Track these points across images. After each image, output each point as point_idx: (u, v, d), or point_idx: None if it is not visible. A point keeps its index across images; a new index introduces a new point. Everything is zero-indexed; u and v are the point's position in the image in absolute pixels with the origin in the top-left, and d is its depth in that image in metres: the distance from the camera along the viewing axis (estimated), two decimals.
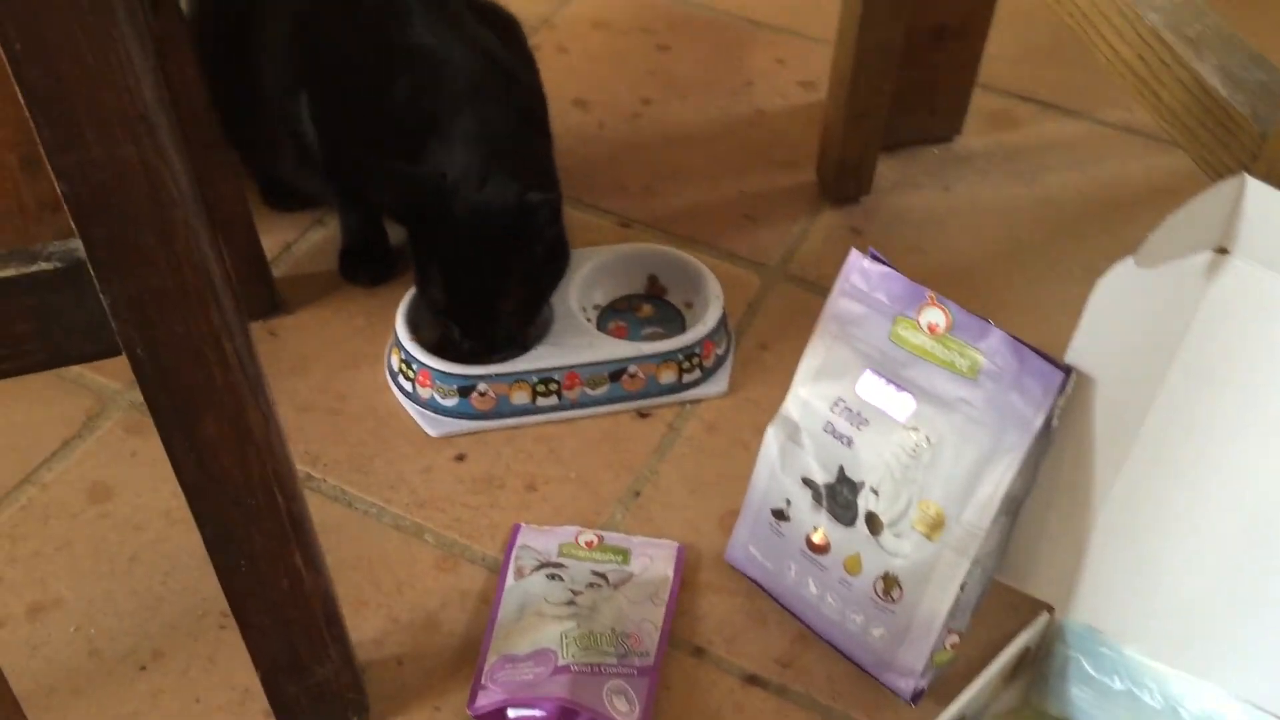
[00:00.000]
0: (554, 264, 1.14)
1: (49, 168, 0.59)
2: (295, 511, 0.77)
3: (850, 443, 0.92)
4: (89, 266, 0.63)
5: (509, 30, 1.28)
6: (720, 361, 1.21)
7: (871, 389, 0.91)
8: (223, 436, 0.71)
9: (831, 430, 0.93)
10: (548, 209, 1.06)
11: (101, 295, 0.64)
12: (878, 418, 0.91)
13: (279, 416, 0.76)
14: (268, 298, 1.23)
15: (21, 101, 0.57)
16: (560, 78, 1.59)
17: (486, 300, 1.09)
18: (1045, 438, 0.85)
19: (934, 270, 1.33)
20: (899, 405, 0.90)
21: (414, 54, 1.13)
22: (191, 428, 0.70)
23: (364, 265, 1.28)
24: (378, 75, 1.13)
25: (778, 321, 1.27)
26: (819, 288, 1.31)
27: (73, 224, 0.61)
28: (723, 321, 1.20)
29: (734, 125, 1.53)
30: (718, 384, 1.20)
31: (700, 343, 1.17)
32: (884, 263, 0.91)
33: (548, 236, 1.09)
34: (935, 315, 0.88)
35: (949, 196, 1.43)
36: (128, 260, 0.63)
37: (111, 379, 1.19)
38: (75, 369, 1.20)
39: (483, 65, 1.13)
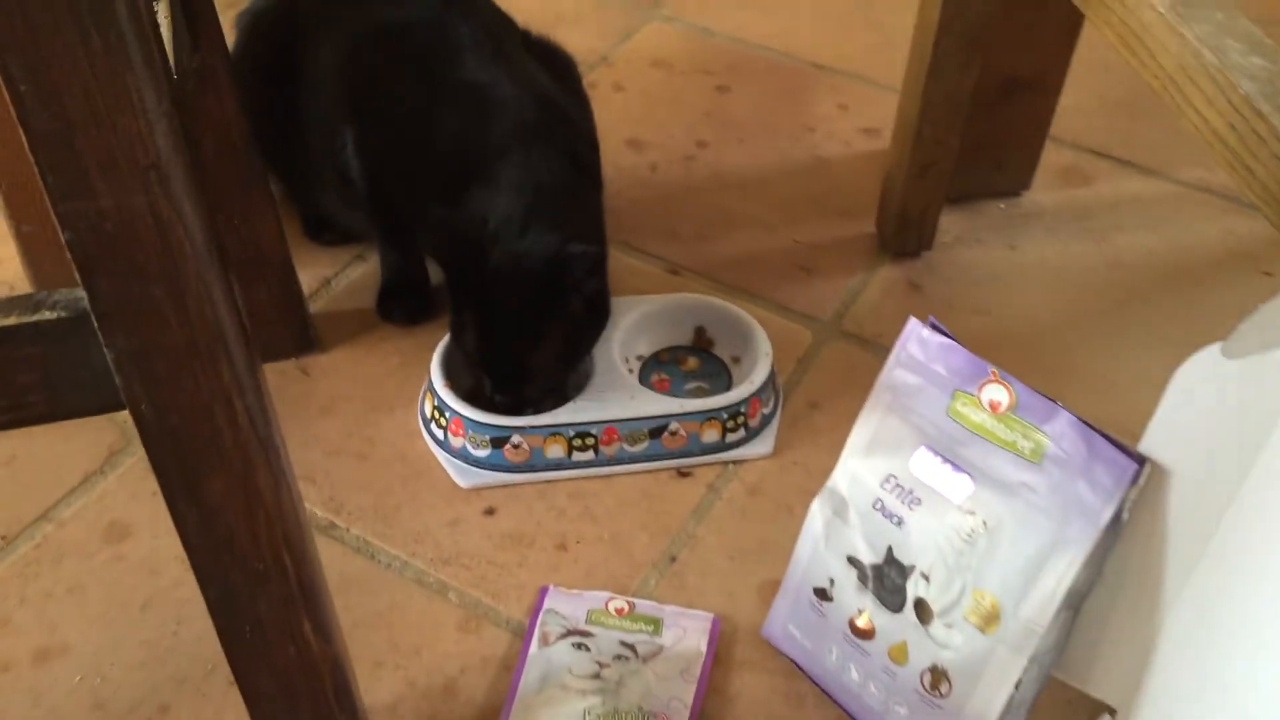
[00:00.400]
0: (593, 319, 1.10)
1: (53, 215, 0.56)
2: (306, 576, 0.73)
3: (901, 523, 0.86)
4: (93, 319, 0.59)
5: (564, 70, 1.24)
6: (767, 421, 1.16)
7: (926, 467, 0.86)
8: (230, 498, 0.68)
9: (881, 508, 0.87)
10: (588, 261, 1.02)
11: (106, 349, 0.60)
12: (932, 498, 0.85)
13: (293, 477, 0.73)
14: (302, 335, 1.20)
15: (25, 145, 0.54)
16: (615, 117, 1.55)
17: (520, 353, 1.05)
18: (1114, 531, 0.79)
19: (996, 333, 1.27)
20: (955, 486, 0.84)
21: (462, 91, 1.10)
22: (197, 488, 0.67)
23: (402, 304, 1.25)
24: (424, 112, 1.10)
25: (829, 380, 1.22)
26: (874, 346, 1.25)
27: (77, 275, 0.58)
28: (771, 379, 1.16)
29: (792, 171, 1.48)
30: (763, 444, 1.14)
31: (746, 401, 1.12)
32: (944, 333, 0.86)
33: (587, 290, 1.05)
34: (998, 393, 0.82)
35: (1014, 255, 1.37)
36: (134, 314, 0.60)
37: None
38: None
39: (533, 106, 1.09)
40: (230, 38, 1.28)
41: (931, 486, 0.85)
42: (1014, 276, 1.35)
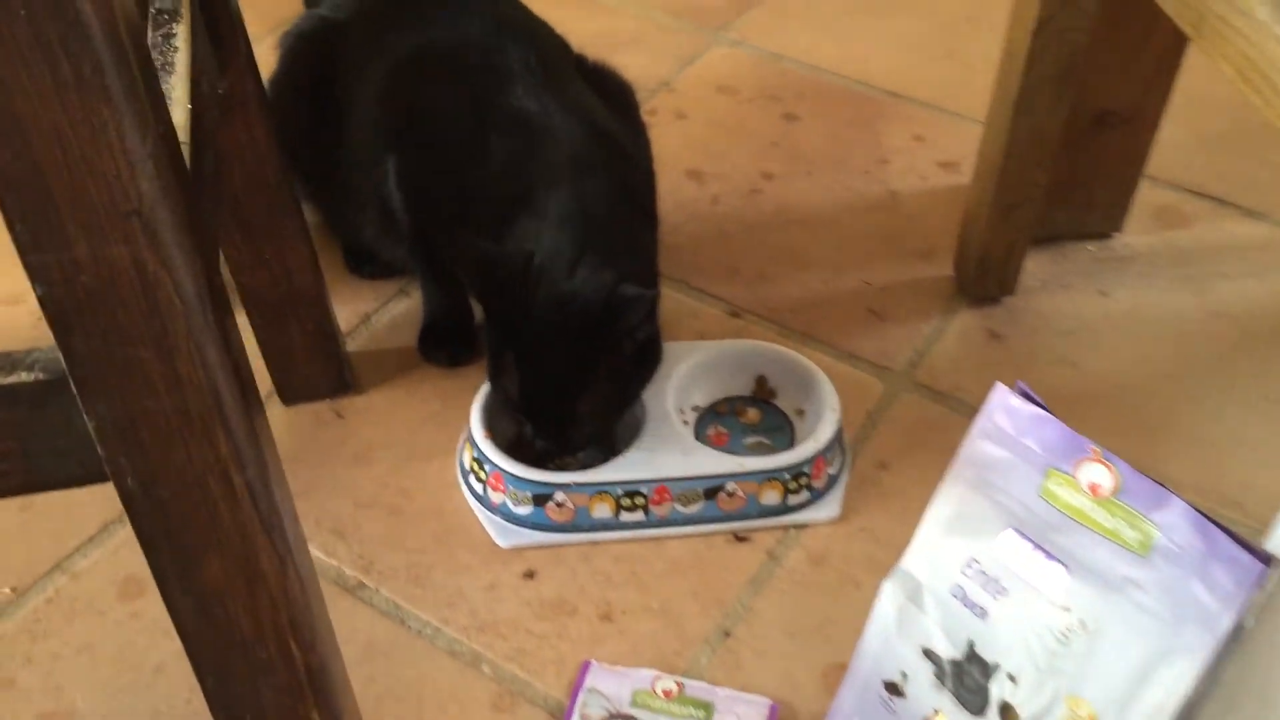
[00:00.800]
0: (643, 366, 1.02)
1: (24, 267, 0.49)
2: (315, 664, 0.66)
3: (985, 614, 0.77)
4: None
5: (621, 97, 1.17)
6: (833, 482, 1.07)
7: (1014, 553, 0.76)
8: (229, 581, 0.60)
9: (962, 596, 0.78)
10: (642, 305, 0.94)
11: (85, 416, 0.53)
12: (1020, 588, 0.76)
13: (303, 553, 0.66)
14: (337, 375, 1.13)
15: None
16: (675, 146, 1.48)
17: (564, 398, 0.98)
18: (1234, 639, 0.69)
19: (1083, 388, 1.17)
20: (1048, 577, 0.75)
21: (511, 120, 1.03)
22: (191, 570, 0.59)
23: (444, 344, 1.18)
24: (471, 141, 1.03)
25: (902, 437, 1.13)
26: (951, 400, 1.16)
27: (51, 334, 0.51)
28: (838, 436, 1.07)
29: (863, 207, 1.40)
30: (828, 508, 1.06)
31: (811, 460, 1.03)
32: (1035, 402, 0.77)
33: (639, 335, 0.97)
34: (1099, 473, 0.73)
35: (1105, 302, 1.27)
36: (117, 378, 0.53)
37: None
38: None
39: (585, 136, 1.02)
40: (272, 60, 1.23)
41: (1020, 575, 0.76)
42: (1104, 326, 1.25)
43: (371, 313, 1.26)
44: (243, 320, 1.08)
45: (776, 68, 1.63)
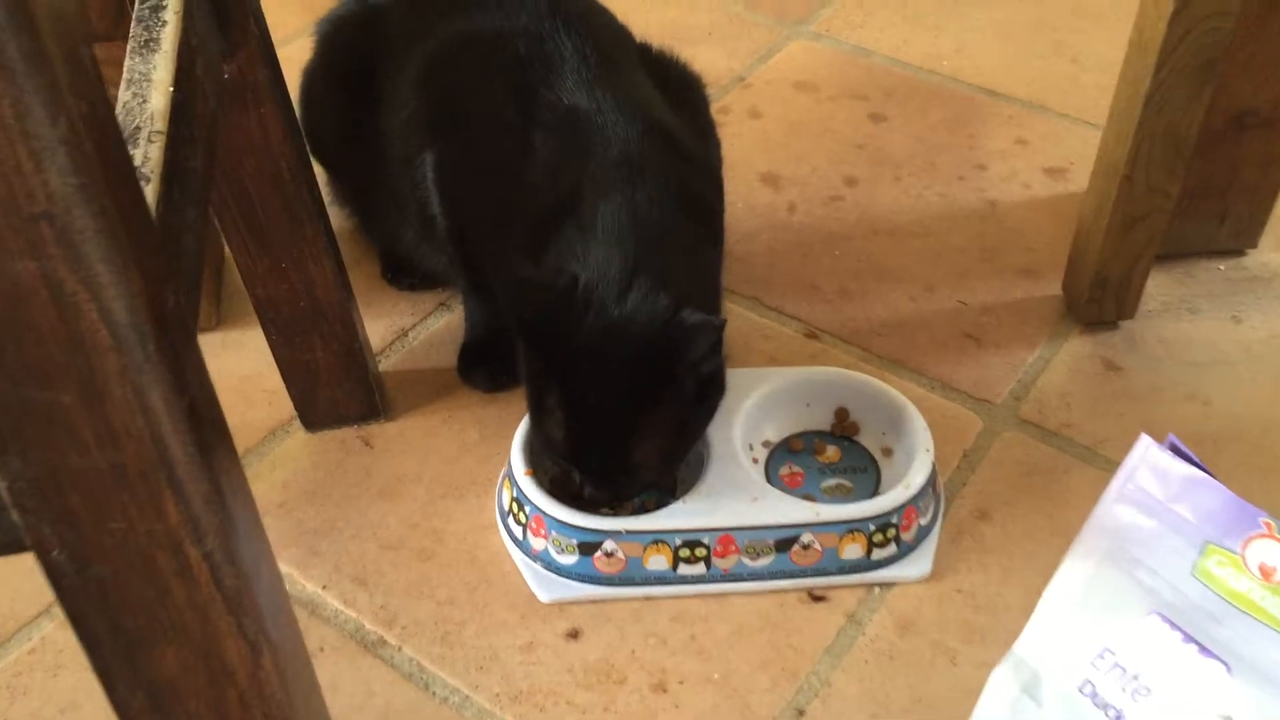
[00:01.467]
0: (704, 402, 0.89)
1: None
2: None
3: (1120, 718, 0.63)
4: None
5: (687, 93, 1.05)
6: (924, 534, 0.94)
7: (1160, 644, 0.63)
8: (187, 676, 0.49)
9: (1092, 694, 0.65)
10: (706, 335, 0.82)
11: None
12: (1166, 689, 0.62)
13: (289, 625, 0.54)
14: (365, 398, 1.02)
15: None
16: (749, 147, 1.35)
17: (616, 444, 0.86)
18: None
19: (1216, 428, 1.02)
20: (1202, 676, 0.61)
21: (558, 116, 0.91)
22: (140, 663, 0.48)
23: (486, 366, 1.07)
24: (512, 138, 0.92)
25: (1004, 482, 0.99)
26: (1061, 439, 1.02)
27: None
28: (931, 481, 0.93)
29: (959, 217, 1.26)
30: (918, 564, 0.92)
31: (900, 509, 0.90)
32: (1190, 460, 0.63)
33: (703, 370, 0.84)
34: (1272, 552, 0.59)
35: (1239, 329, 1.12)
36: (33, 428, 0.42)
37: None
38: None
39: (642, 137, 0.90)
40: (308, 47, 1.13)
41: (1167, 672, 0.62)
42: (1238, 356, 1.10)
43: (409, 329, 1.15)
44: (260, 337, 0.97)
45: (861, 63, 1.49)
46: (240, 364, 1.11)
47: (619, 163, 0.88)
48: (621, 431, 0.85)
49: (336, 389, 1.01)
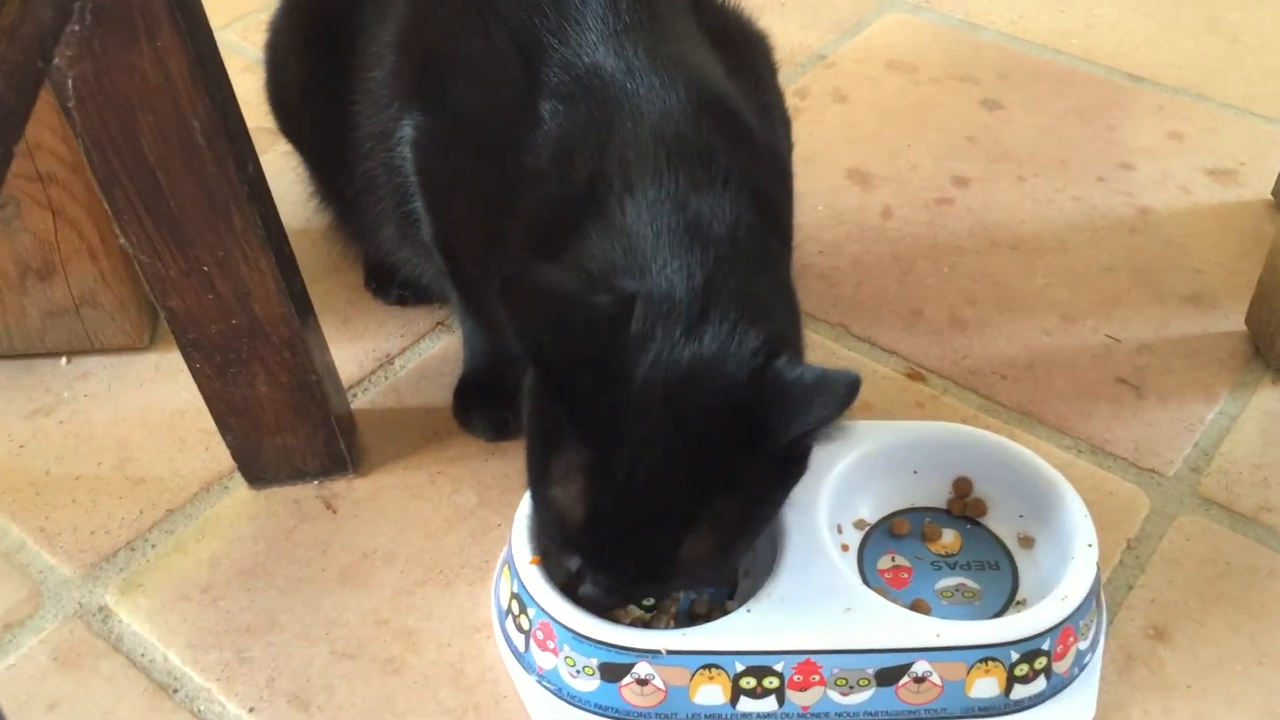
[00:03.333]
0: (786, 484, 0.64)
1: None
2: None
3: None
4: None
5: (747, 54, 0.79)
6: (1083, 663, 0.68)
7: None
8: None
9: None
10: (834, 395, 0.57)
11: None
12: None
13: None
14: (328, 447, 0.79)
15: None
16: (832, 137, 1.11)
17: (662, 533, 0.61)
18: None
19: None
20: None
21: (576, 78, 0.67)
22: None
23: (487, 407, 0.83)
24: (513, 106, 0.68)
25: (1186, 586, 0.74)
26: (1259, 527, 0.77)
27: None
28: (1095, 589, 0.68)
29: (1102, 228, 1.01)
30: (1077, 707, 0.68)
31: (1055, 631, 0.65)
32: None
33: (796, 434, 0.59)
34: None
35: None
36: None
37: (63, 559, 0.77)
38: (21, 535, 0.79)
39: (689, 109, 0.66)
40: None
41: None
42: None
43: (394, 355, 0.91)
44: (180, 364, 0.74)
45: (969, 40, 1.25)
46: (175, 395, 0.88)
47: (655, 143, 0.64)
48: (674, 518, 0.60)
49: (288, 434, 0.78)
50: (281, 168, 0.94)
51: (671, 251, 0.61)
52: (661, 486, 0.59)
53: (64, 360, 0.91)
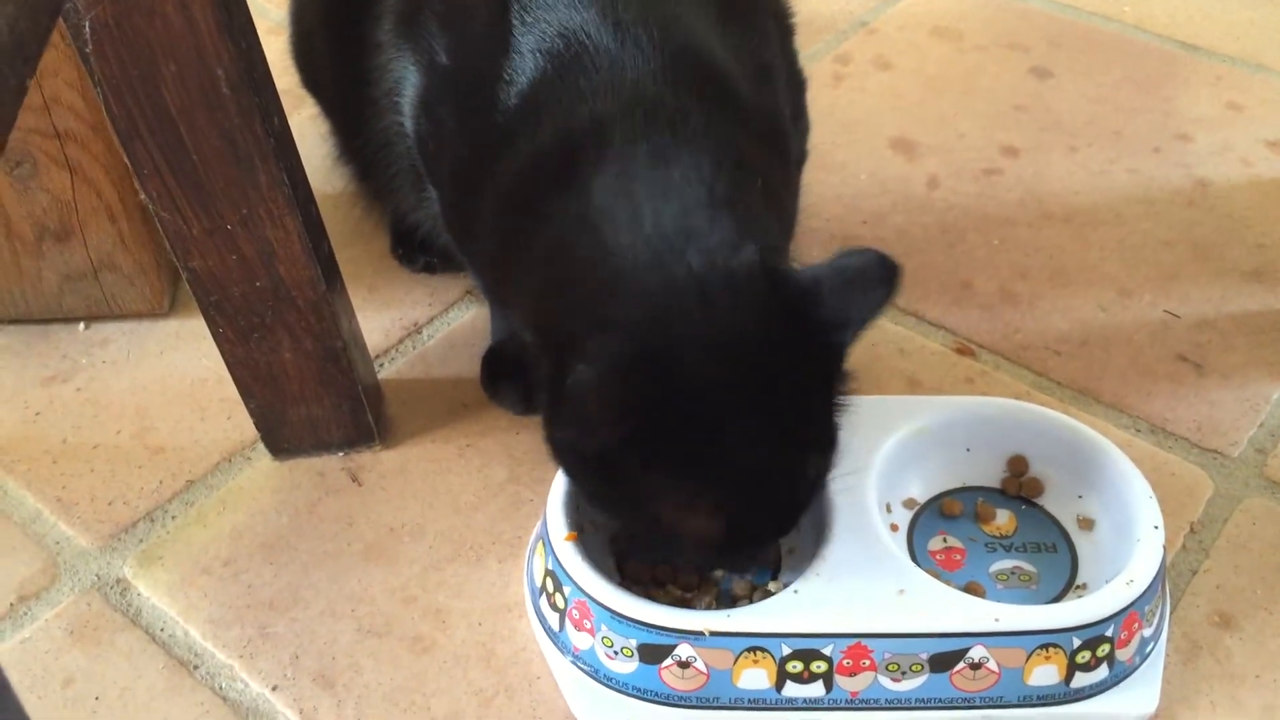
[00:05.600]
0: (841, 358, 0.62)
1: None
2: None
3: None
4: None
5: (749, 13, 0.74)
6: (1148, 650, 0.65)
7: None
8: None
9: None
10: (856, 282, 0.56)
11: None
12: None
13: None
14: (353, 417, 0.77)
15: None
16: (876, 106, 1.08)
17: (794, 481, 0.60)
18: None
19: None
20: None
21: (555, 27, 0.64)
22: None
23: (515, 379, 0.80)
24: (489, 57, 0.65)
25: (1253, 572, 0.71)
26: None
27: None
28: (1160, 574, 0.65)
29: (1159, 201, 0.97)
30: (1139, 696, 0.65)
31: (1119, 616, 0.62)
32: None
33: (859, 326, 0.58)
34: None
35: None
36: None
37: (80, 530, 0.75)
38: (36, 505, 0.76)
39: (666, 70, 0.63)
40: None
41: None
42: None
43: (422, 324, 0.89)
44: (201, 331, 0.72)
45: (1015, 6, 1.21)
46: (195, 362, 0.85)
47: (630, 104, 0.61)
48: (791, 460, 0.59)
49: (313, 404, 0.75)
50: (305, 133, 0.91)
51: (655, 232, 0.58)
52: (771, 454, 0.58)
53: (82, 325, 0.88)
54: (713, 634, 0.62)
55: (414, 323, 0.89)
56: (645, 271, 0.57)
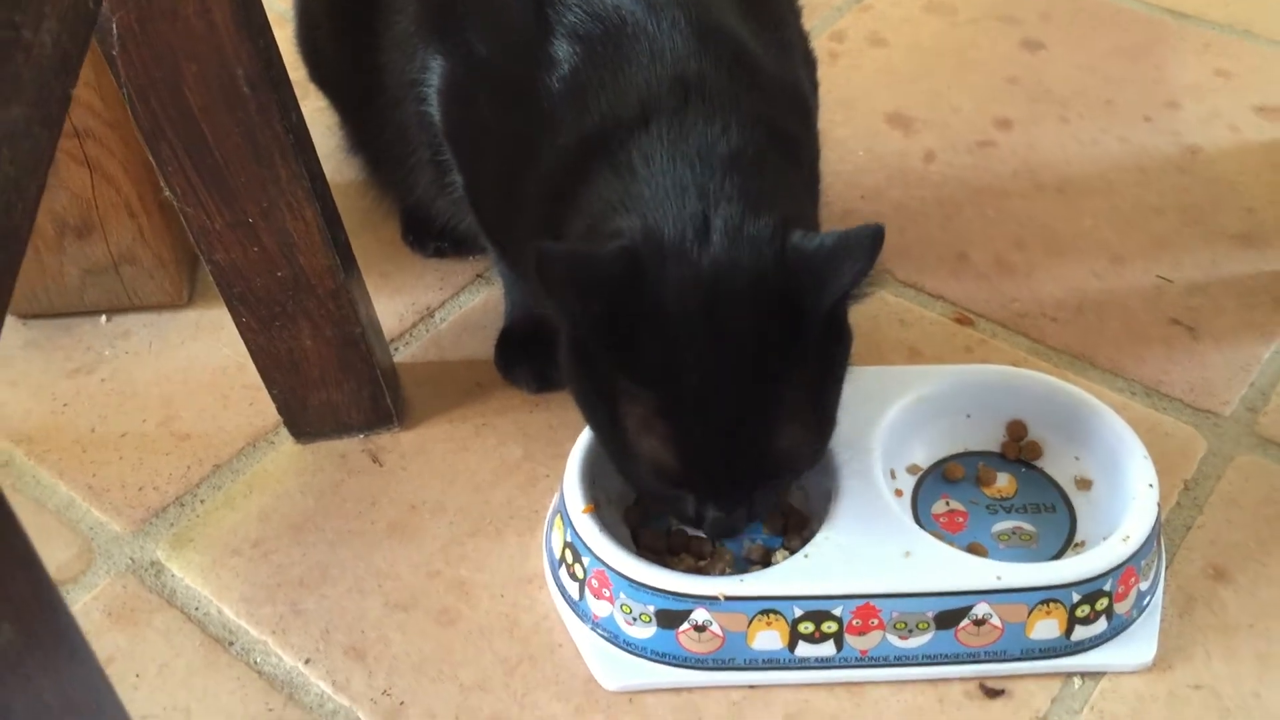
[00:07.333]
0: (842, 346, 0.65)
1: None
2: None
3: None
4: None
5: (766, 3, 0.78)
6: (1144, 604, 0.68)
7: None
8: None
9: None
10: (859, 247, 0.58)
11: None
12: None
13: None
14: (373, 400, 0.79)
15: None
16: (872, 82, 1.10)
17: (754, 431, 0.62)
18: None
19: None
20: None
21: (594, 16, 0.66)
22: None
23: (531, 359, 0.83)
24: (526, 46, 0.67)
25: (1245, 526, 0.74)
26: None
27: None
28: (1156, 530, 0.68)
29: (1150, 169, 1.00)
30: (1137, 648, 0.68)
31: (1116, 571, 0.65)
32: None
33: (833, 299, 0.60)
34: None
35: None
36: None
37: (113, 516, 0.78)
38: (69, 493, 0.79)
39: (703, 47, 0.65)
40: None
41: None
42: None
43: (435, 308, 0.91)
44: (226, 318, 0.74)
45: None
46: (216, 351, 0.88)
47: (671, 81, 0.63)
48: (757, 420, 0.61)
49: (333, 389, 0.78)
50: (311, 123, 0.93)
51: (677, 177, 0.61)
52: (734, 398, 0.60)
53: (103, 319, 0.91)
54: (727, 598, 0.65)
55: (427, 307, 0.91)
56: (663, 212, 0.60)
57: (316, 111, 0.96)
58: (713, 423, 0.61)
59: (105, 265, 0.87)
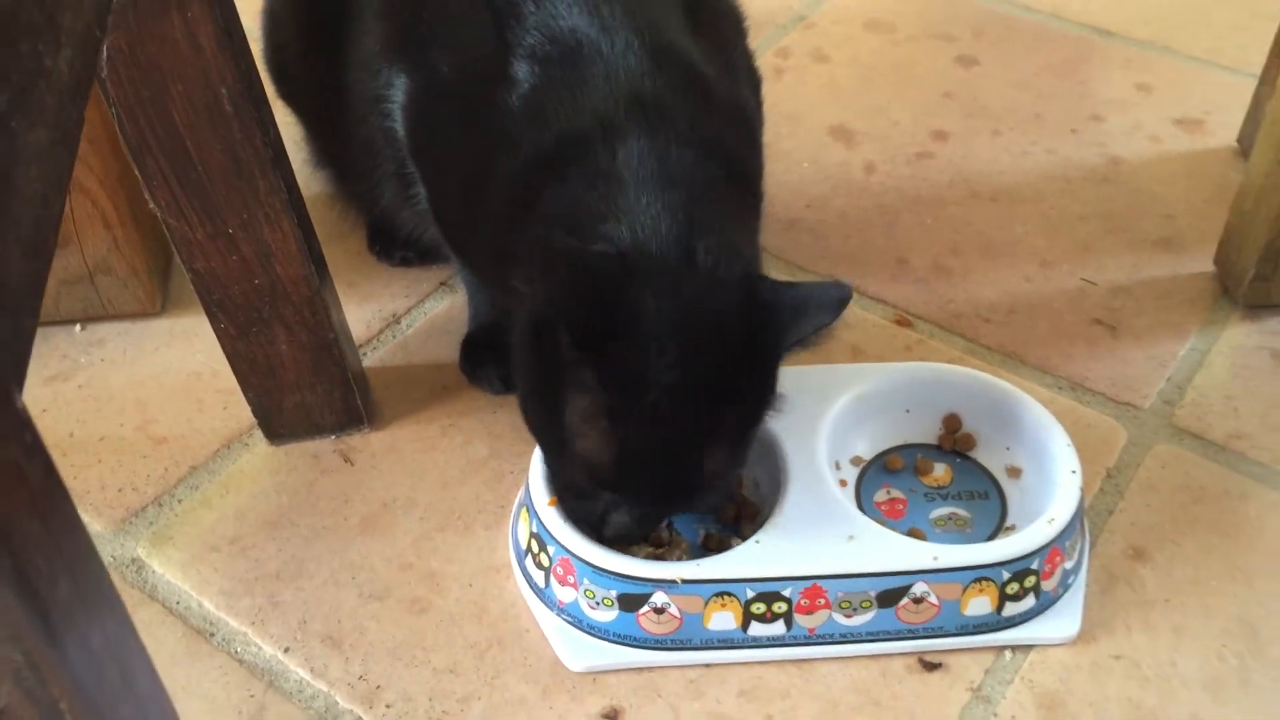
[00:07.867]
0: (774, 384, 0.69)
1: None
2: None
3: None
4: None
5: (713, 18, 0.82)
6: (1068, 582, 0.74)
7: None
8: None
9: None
10: (828, 304, 0.65)
11: None
12: None
13: None
14: (344, 402, 0.83)
15: None
16: (815, 96, 1.15)
17: (689, 451, 0.66)
18: None
19: None
20: None
21: (552, 39, 0.70)
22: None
23: (495, 361, 0.87)
24: (487, 68, 0.72)
25: (1162, 510, 0.80)
26: (1229, 454, 0.82)
27: None
28: (1080, 513, 0.73)
29: (1075, 179, 1.06)
30: (1063, 622, 0.73)
31: (1042, 551, 0.70)
32: None
33: (791, 345, 0.66)
34: None
35: None
36: None
37: (94, 516, 0.81)
38: None
39: (657, 69, 0.70)
40: None
41: None
42: None
43: (401, 314, 0.95)
44: (204, 325, 0.78)
45: None
46: (190, 358, 0.91)
47: (628, 100, 0.68)
48: (694, 439, 0.65)
49: (306, 391, 0.81)
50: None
51: (652, 196, 0.66)
52: (682, 414, 0.64)
53: (78, 328, 0.94)
54: (684, 581, 0.70)
55: (393, 314, 0.95)
56: (643, 227, 0.64)
57: (283, 127, 0.99)
58: (656, 435, 0.65)
59: (80, 275, 0.90)
